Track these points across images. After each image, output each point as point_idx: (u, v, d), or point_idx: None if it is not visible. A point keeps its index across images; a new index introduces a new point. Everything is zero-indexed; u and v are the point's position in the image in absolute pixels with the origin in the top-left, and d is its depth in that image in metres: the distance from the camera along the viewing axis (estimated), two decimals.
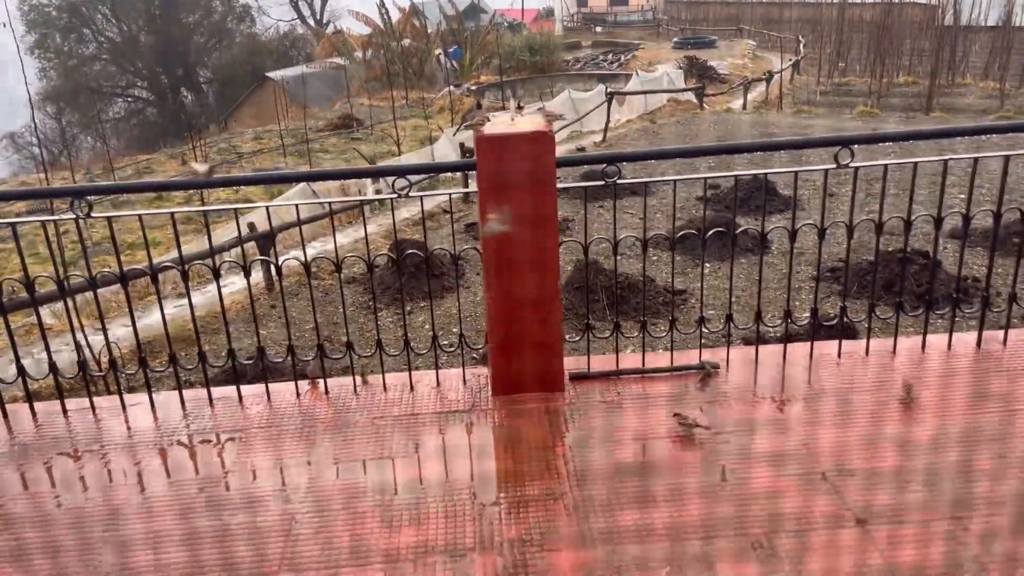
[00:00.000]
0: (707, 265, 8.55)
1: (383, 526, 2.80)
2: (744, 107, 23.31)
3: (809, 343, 3.81)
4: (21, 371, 3.47)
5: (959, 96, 22.94)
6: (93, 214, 3.22)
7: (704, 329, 3.77)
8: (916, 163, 3.52)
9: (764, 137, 15.67)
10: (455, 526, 2.77)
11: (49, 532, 2.89)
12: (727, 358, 3.80)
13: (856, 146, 3.35)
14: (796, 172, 3.56)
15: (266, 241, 8.96)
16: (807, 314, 3.84)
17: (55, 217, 3.54)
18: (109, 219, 3.34)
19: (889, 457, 3.06)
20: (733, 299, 3.85)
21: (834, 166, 3.34)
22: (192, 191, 13.32)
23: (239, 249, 9.49)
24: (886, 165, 3.51)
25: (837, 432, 3.26)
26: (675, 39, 41.97)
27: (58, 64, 42.85)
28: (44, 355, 3.49)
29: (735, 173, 3.77)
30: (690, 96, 24.34)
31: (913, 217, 3.56)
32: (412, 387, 3.76)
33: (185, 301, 8.57)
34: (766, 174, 3.77)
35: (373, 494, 3.00)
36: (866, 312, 3.77)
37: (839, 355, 3.81)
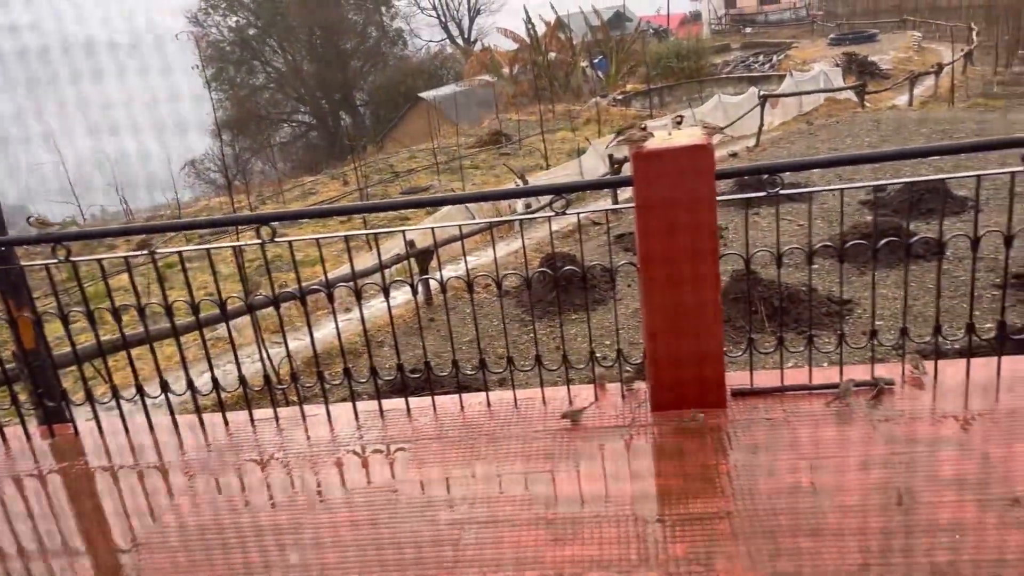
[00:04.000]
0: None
1: (548, 540, 2.85)
2: (910, 103, 21.91)
3: (995, 358, 3.54)
4: (215, 383, 3.79)
5: None
6: (276, 238, 3.49)
7: (875, 342, 3.59)
8: None
9: (936, 136, 14.63)
10: (619, 542, 2.78)
11: (239, 534, 3.15)
12: (901, 373, 3.60)
13: None
14: (978, 176, 3.33)
15: (424, 257, 9.32)
16: (989, 326, 3.58)
17: (243, 243, 3.85)
18: (291, 243, 3.60)
19: None
20: (901, 310, 3.65)
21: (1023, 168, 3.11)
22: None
23: (398, 265, 9.96)
24: None
25: None
26: (831, 35, 40.08)
27: (231, 95, 46.42)
28: (225, 368, 3.79)
29: (910, 179, 3.59)
30: (849, 95, 23.15)
31: None
32: (571, 401, 3.80)
33: (348, 316, 9.01)
34: (943, 179, 3.55)
35: (536, 507, 3.06)
36: None
37: None
